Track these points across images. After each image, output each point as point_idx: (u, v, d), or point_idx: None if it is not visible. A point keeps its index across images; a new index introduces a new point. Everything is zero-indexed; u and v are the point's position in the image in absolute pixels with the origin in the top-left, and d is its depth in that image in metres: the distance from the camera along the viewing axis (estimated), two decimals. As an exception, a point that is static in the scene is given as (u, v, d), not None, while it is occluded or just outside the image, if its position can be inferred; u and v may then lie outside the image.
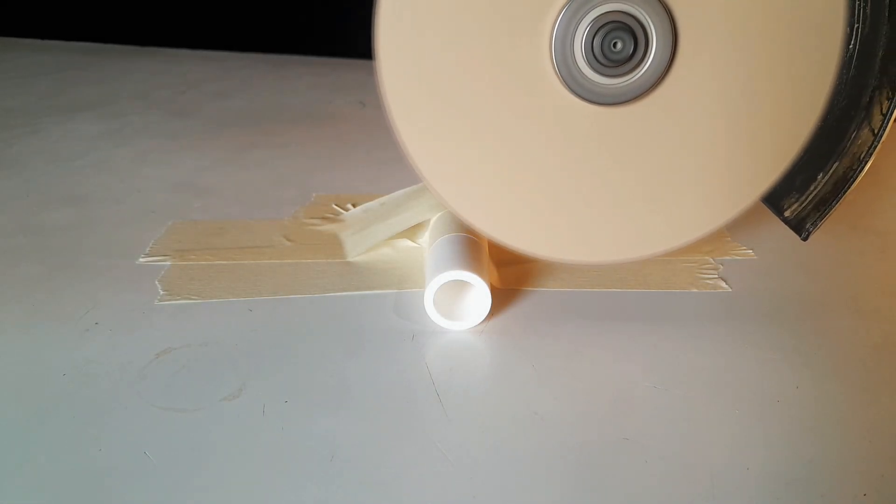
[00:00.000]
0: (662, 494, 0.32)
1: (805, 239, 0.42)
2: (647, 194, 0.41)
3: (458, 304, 0.45)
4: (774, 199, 0.42)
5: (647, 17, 0.38)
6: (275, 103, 0.98)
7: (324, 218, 0.60)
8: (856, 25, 0.38)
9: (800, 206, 0.42)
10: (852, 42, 0.39)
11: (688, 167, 0.41)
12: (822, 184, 0.41)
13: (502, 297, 0.47)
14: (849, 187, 0.40)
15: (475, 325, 0.44)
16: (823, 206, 0.41)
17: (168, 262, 0.51)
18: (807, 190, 0.41)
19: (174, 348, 0.42)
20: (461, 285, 0.45)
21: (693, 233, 0.42)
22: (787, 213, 0.42)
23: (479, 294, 0.44)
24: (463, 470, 0.33)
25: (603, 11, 0.38)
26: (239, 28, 1.29)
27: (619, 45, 0.38)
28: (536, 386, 0.39)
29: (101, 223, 0.58)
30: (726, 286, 0.49)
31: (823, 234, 0.58)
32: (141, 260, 0.52)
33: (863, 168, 0.40)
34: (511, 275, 0.50)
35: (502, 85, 0.39)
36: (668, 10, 0.38)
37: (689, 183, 0.41)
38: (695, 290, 0.49)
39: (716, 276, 0.51)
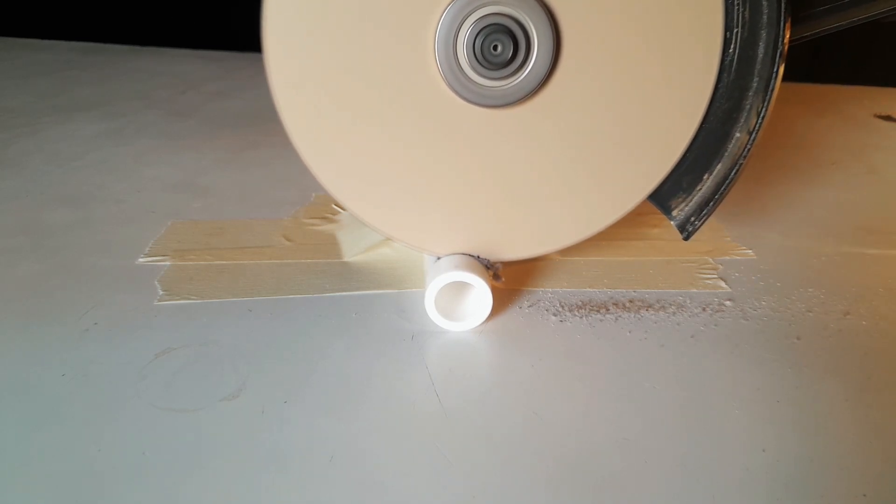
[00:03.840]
0: (662, 495, 0.32)
1: (686, 239, 0.44)
2: (536, 195, 0.43)
3: (459, 305, 0.45)
4: (664, 200, 0.44)
5: (528, 20, 0.38)
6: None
7: (323, 218, 0.60)
8: (735, 30, 0.39)
9: (686, 205, 0.43)
10: (732, 46, 0.40)
11: (575, 168, 0.42)
12: (706, 184, 0.42)
13: (502, 297, 0.47)
14: (727, 188, 0.42)
15: (475, 326, 0.44)
16: (705, 206, 0.43)
17: (167, 262, 0.51)
18: (693, 190, 0.43)
19: (174, 348, 0.42)
20: (462, 286, 0.45)
21: (581, 232, 0.44)
22: (674, 213, 0.44)
23: (479, 295, 0.44)
24: (463, 470, 0.33)
25: (484, 14, 0.38)
26: (239, 28, 1.29)
27: (500, 48, 0.38)
28: (536, 386, 0.39)
29: (101, 223, 0.58)
30: (726, 286, 0.49)
31: (824, 233, 0.58)
32: (140, 260, 0.52)
33: (739, 169, 0.41)
34: (511, 275, 0.50)
35: (388, 85, 0.40)
36: (551, 14, 0.38)
37: (576, 183, 0.42)
38: (695, 290, 0.49)
39: (716, 276, 0.51)
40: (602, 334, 0.44)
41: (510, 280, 0.50)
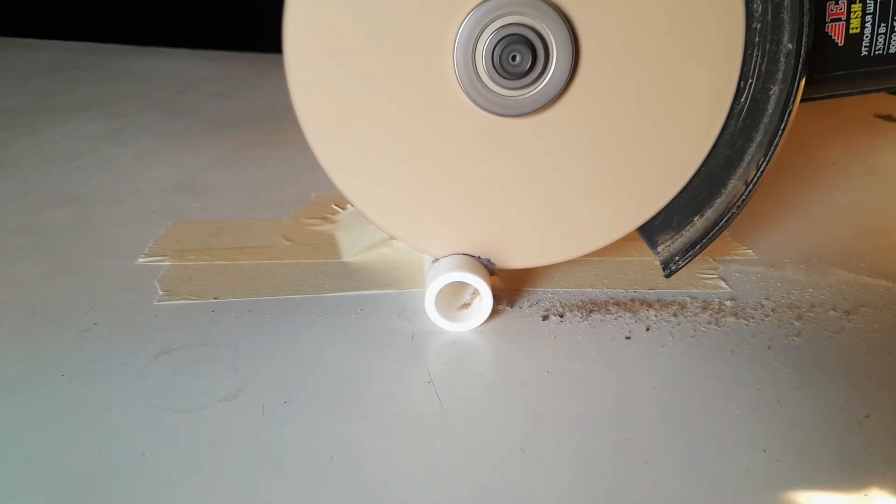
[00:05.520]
0: (662, 495, 0.32)
1: (668, 276, 0.44)
2: (548, 205, 0.43)
3: (460, 305, 0.45)
4: (653, 234, 0.44)
5: (548, 32, 0.38)
6: (275, 103, 0.98)
7: (323, 218, 0.60)
8: (750, 81, 0.40)
9: (672, 243, 0.43)
10: (744, 96, 0.40)
11: (586, 181, 0.42)
12: (695, 226, 0.43)
13: (502, 297, 0.47)
14: (716, 234, 0.42)
15: (476, 327, 0.44)
16: (691, 248, 0.43)
17: (167, 263, 0.51)
18: (682, 230, 0.43)
19: (174, 348, 0.42)
20: (463, 286, 0.45)
21: (589, 244, 0.44)
22: (660, 249, 0.44)
23: (480, 296, 0.44)
24: (463, 470, 0.33)
25: (503, 24, 0.38)
26: (239, 28, 1.29)
27: (518, 59, 0.38)
28: (536, 386, 0.39)
29: (101, 223, 0.58)
30: (726, 286, 0.49)
31: (824, 233, 0.58)
32: (140, 260, 0.52)
33: (732, 218, 0.42)
34: (511, 275, 0.50)
35: (406, 91, 0.40)
36: (572, 28, 0.38)
37: (586, 196, 0.43)
38: (695, 290, 0.49)
39: (716, 275, 0.51)
40: (602, 334, 0.44)
41: (510, 280, 0.50)
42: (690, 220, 0.43)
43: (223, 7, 1.30)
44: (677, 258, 0.43)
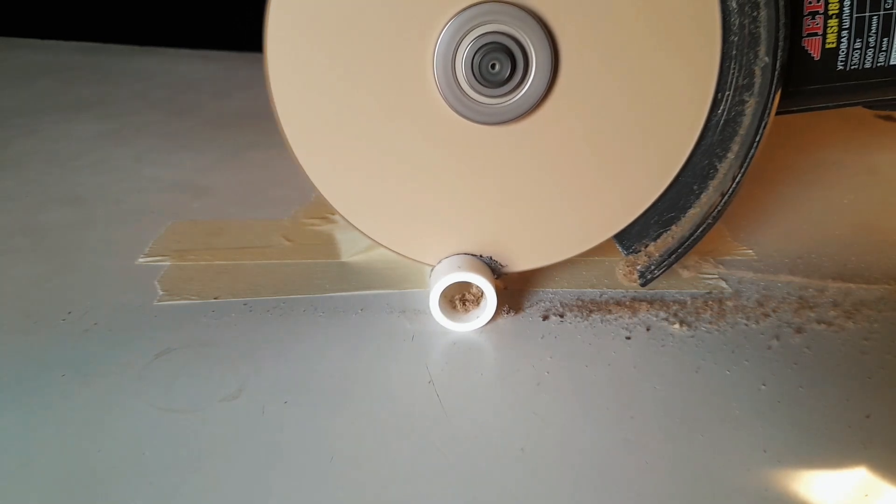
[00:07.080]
0: (663, 495, 0.32)
1: (643, 285, 0.45)
2: (531, 210, 0.43)
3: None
4: (629, 242, 0.45)
5: (528, 41, 0.38)
6: (274, 103, 0.98)
7: (323, 218, 0.60)
8: (727, 93, 0.40)
9: (648, 252, 0.44)
10: (722, 108, 0.41)
11: (567, 187, 0.42)
12: (671, 236, 0.43)
13: (502, 298, 0.47)
14: (691, 244, 0.43)
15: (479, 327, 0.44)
16: (667, 257, 0.44)
17: (167, 263, 0.51)
18: (658, 239, 0.44)
19: (174, 348, 0.42)
20: (465, 286, 0.45)
21: (574, 248, 0.45)
22: (636, 257, 0.44)
23: (484, 296, 0.44)
24: (463, 470, 0.33)
25: (482, 32, 0.38)
26: (239, 28, 1.29)
27: (497, 67, 0.38)
28: (536, 386, 0.39)
29: (100, 223, 0.58)
30: (726, 286, 0.49)
31: (824, 233, 0.58)
32: (140, 260, 0.52)
33: (707, 229, 0.42)
34: (513, 274, 0.50)
35: (387, 100, 0.40)
36: (552, 38, 0.38)
37: (567, 201, 0.43)
38: (695, 290, 0.49)
39: (716, 276, 0.51)
40: (602, 334, 0.44)
41: (510, 280, 0.50)
42: (667, 230, 0.43)
43: (223, 7, 1.30)
44: (653, 268, 0.44)
